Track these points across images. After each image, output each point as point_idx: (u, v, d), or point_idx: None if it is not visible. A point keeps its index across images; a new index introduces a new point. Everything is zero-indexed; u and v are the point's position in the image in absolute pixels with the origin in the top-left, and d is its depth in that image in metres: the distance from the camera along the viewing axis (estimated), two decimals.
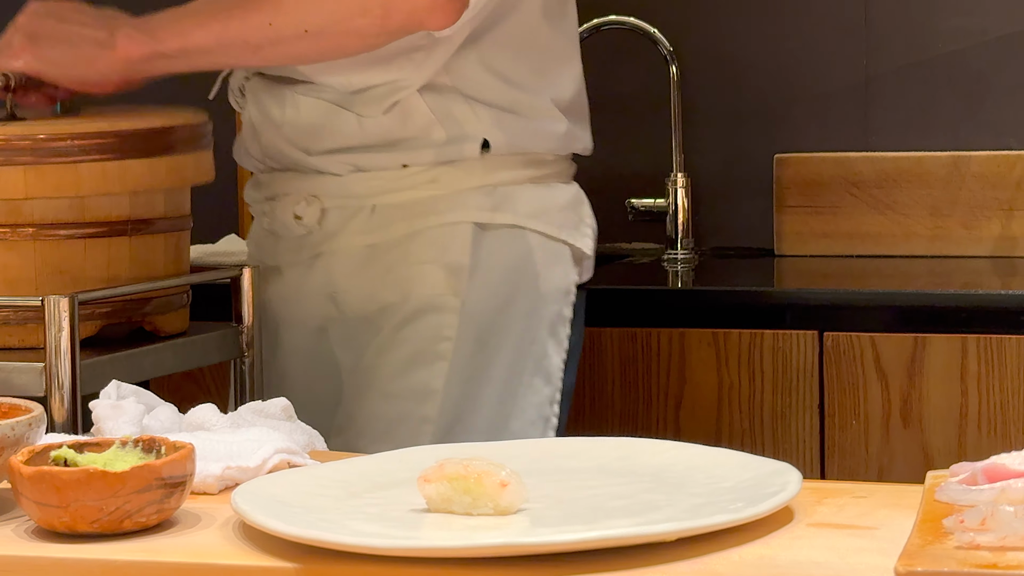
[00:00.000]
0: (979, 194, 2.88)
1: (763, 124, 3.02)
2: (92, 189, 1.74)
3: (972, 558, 1.04)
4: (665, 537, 1.11)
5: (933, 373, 2.42)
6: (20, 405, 1.33)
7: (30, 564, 1.17)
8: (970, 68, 2.91)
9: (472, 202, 1.93)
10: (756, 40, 3.01)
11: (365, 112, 1.90)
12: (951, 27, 2.91)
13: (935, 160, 2.90)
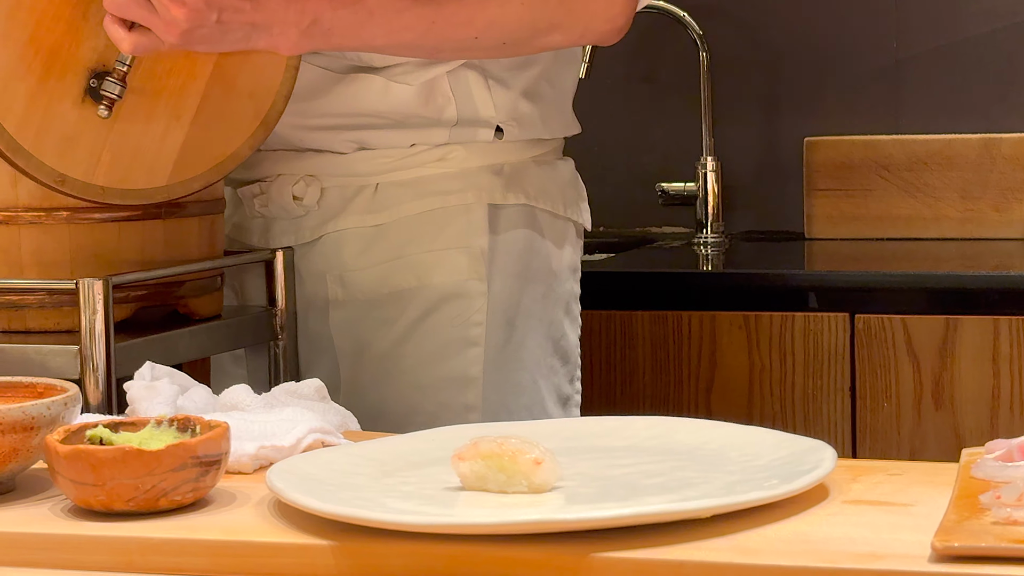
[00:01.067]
0: (1010, 176, 2.88)
1: (793, 108, 3.02)
2: None
3: (1009, 533, 1.04)
4: (700, 514, 1.10)
5: (965, 355, 2.41)
6: (55, 385, 1.34)
7: (67, 542, 1.17)
8: (1000, 50, 2.90)
9: (483, 182, 1.92)
10: (785, 24, 3.02)
11: (398, 79, 1.88)
12: (980, 9, 2.91)
13: (965, 143, 2.90)
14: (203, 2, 1.62)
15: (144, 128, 1.75)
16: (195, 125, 1.77)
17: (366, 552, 1.10)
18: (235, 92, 1.79)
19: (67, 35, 1.71)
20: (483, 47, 1.82)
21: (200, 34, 1.65)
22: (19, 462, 1.27)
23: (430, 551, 1.09)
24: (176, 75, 1.76)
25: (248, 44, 1.70)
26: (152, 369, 1.50)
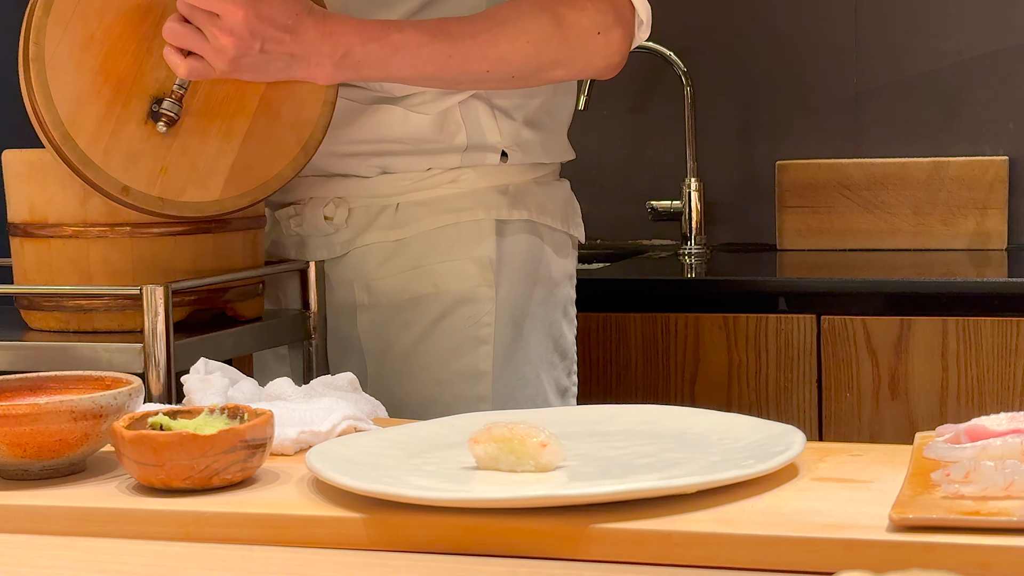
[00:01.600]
0: (956, 195, 2.88)
1: (766, 135, 3.02)
2: None
3: (957, 506, 1.04)
4: (686, 490, 1.10)
5: (917, 351, 2.41)
6: (121, 378, 1.35)
7: (132, 516, 1.17)
8: (948, 85, 2.91)
9: (491, 200, 1.91)
10: (759, 62, 3.02)
11: (416, 109, 1.88)
12: (929, 48, 2.91)
13: (917, 165, 2.90)
14: (248, 32, 1.63)
15: (199, 148, 1.75)
16: (244, 148, 1.78)
17: (393, 524, 1.11)
18: (279, 121, 1.79)
19: (132, 66, 1.72)
20: (494, 80, 1.81)
21: (246, 62, 1.65)
22: (90, 445, 1.27)
23: (449, 523, 1.09)
24: (227, 103, 1.76)
25: (288, 73, 1.71)
26: (206, 364, 1.50)
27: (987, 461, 1.11)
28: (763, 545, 1.04)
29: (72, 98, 1.68)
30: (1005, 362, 2.38)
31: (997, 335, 2.38)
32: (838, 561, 1.01)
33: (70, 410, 1.24)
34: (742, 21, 3.02)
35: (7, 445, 1.24)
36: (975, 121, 2.90)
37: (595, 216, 2.92)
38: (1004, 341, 2.38)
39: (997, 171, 2.87)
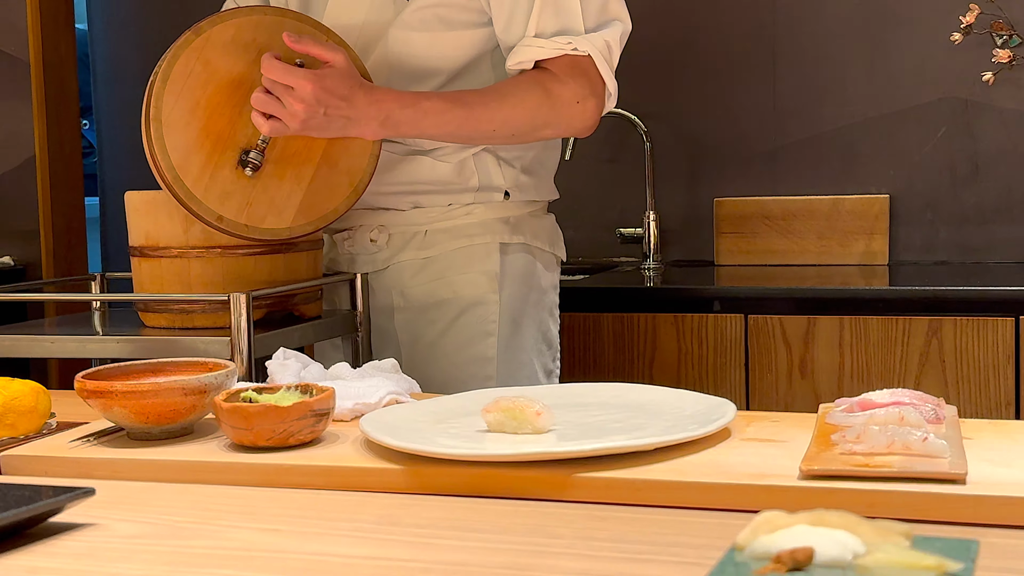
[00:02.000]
0: (850, 224, 2.88)
1: (706, 179, 3.02)
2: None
3: (850, 460, 1.05)
4: (646, 447, 1.11)
5: (821, 342, 2.42)
6: (220, 363, 1.35)
7: (228, 468, 1.17)
8: (844, 141, 2.91)
9: (496, 228, 1.89)
10: (701, 124, 3.01)
11: (440, 159, 1.87)
12: (830, 113, 2.91)
13: (820, 202, 2.90)
14: (315, 101, 1.62)
15: (276, 188, 1.74)
16: (309, 189, 1.77)
17: (424, 473, 1.11)
18: (337, 169, 1.79)
19: (227, 125, 1.71)
20: (499, 137, 1.81)
21: (313, 123, 1.65)
22: (196, 414, 1.28)
23: (467, 472, 1.10)
24: (298, 154, 1.76)
25: (344, 132, 1.70)
26: (284, 352, 1.50)
27: (873, 426, 1.11)
28: (705, 490, 1.04)
29: (181, 149, 1.69)
30: (887, 350, 2.39)
31: (881, 330, 2.39)
32: (761, 502, 1.00)
33: (181, 387, 1.25)
34: (688, 93, 3.02)
35: (134, 414, 1.24)
36: (864, 169, 2.91)
37: (576, 240, 2.93)
38: (887, 335, 2.39)
39: (881, 206, 2.87)
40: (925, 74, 2.85)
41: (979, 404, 2.33)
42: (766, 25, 2.96)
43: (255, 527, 0.88)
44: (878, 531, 0.69)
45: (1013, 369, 2.32)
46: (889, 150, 2.89)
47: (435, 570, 0.77)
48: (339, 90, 1.66)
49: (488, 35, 1.83)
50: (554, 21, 1.76)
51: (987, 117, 2.82)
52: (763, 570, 0.66)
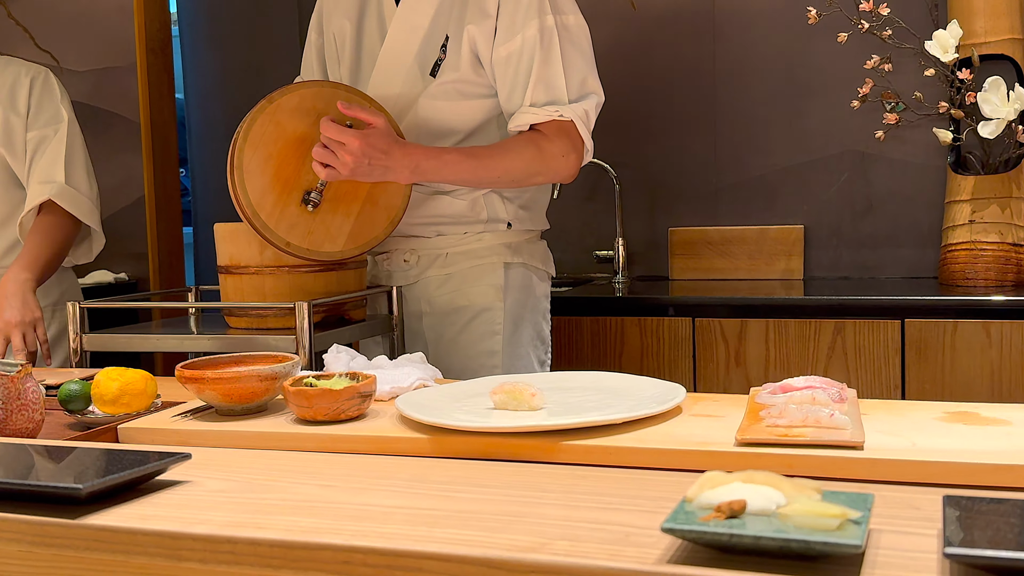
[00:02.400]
0: (774, 248, 2.88)
1: (663, 213, 3.02)
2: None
3: (774, 431, 1.05)
4: (616, 421, 1.11)
5: (751, 339, 2.42)
6: (289, 356, 1.35)
7: (293, 437, 1.17)
8: (768, 184, 2.91)
9: (501, 251, 1.89)
10: (658, 170, 3.01)
11: (458, 197, 1.87)
12: (758, 162, 2.92)
13: (751, 230, 2.90)
14: (361, 154, 1.63)
15: (331, 220, 1.75)
16: (356, 221, 1.77)
17: (445, 441, 1.11)
18: (377, 206, 1.79)
19: (294, 171, 1.71)
20: (501, 183, 1.81)
21: (359, 171, 1.66)
22: (270, 396, 1.28)
23: (477, 440, 1.10)
24: (348, 195, 1.76)
25: (384, 177, 1.70)
26: (336, 347, 1.50)
27: (792, 405, 1.12)
28: (662, 454, 1.04)
29: (258, 191, 1.69)
30: (803, 346, 2.38)
31: (798, 329, 2.39)
32: (705, 464, 1.01)
33: (258, 375, 1.25)
34: (648, 147, 3.02)
35: (222, 395, 1.25)
36: (784, 206, 2.91)
37: (562, 260, 2.93)
38: (802, 333, 2.39)
39: (797, 234, 2.87)
40: (831, 132, 2.85)
41: (874, 387, 2.33)
42: (708, 94, 2.96)
43: (314, 483, 0.88)
44: (795, 487, 0.69)
45: (899, 360, 2.32)
46: (803, 191, 2.89)
47: (453, 516, 0.77)
48: (380, 145, 1.66)
49: (495, 104, 1.84)
50: (545, 94, 1.77)
51: (879, 165, 2.82)
52: (707, 517, 0.66)
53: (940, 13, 2.68)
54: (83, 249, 2.16)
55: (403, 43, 1.82)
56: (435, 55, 1.81)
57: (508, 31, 1.76)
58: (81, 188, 2.08)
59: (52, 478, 0.85)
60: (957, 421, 1.10)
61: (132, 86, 3.14)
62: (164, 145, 3.20)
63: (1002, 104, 2.46)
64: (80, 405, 1.31)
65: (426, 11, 1.81)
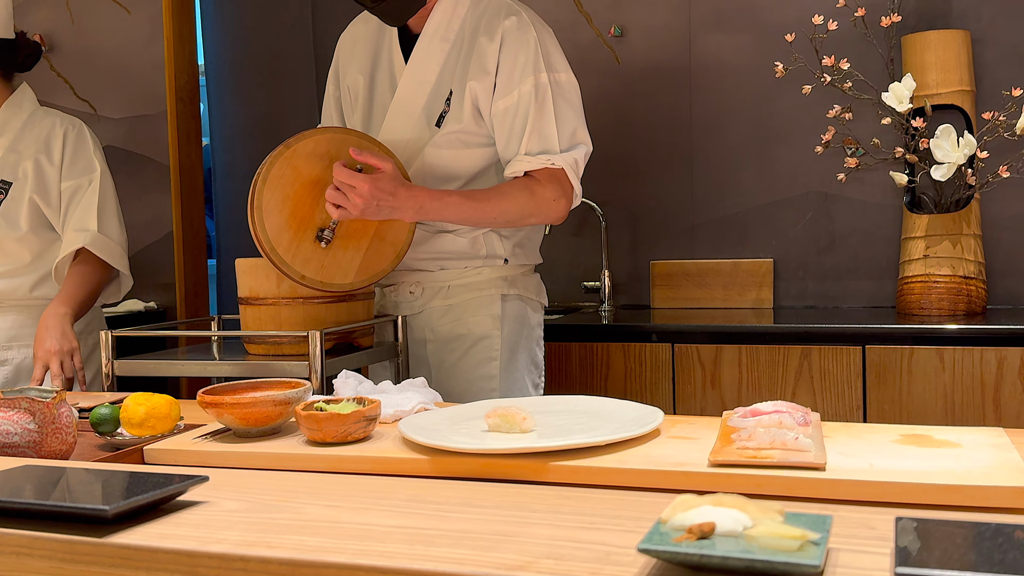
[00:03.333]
0: (747, 280, 2.89)
1: (645, 248, 3.03)
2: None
3: (744, 453, 1.05)
4: (599, 443, 1.11)
5: (725, 365, 2.41)
6: (301, 382, 1.34)
7: (303, 458, 1.17)
8: (741, 221, 2.92)
9: (499, 284, 1.89)
10: (641, 208, 3.02)
11: (459, 235, 1.87)
12: (731, 201, 2.92)
13: (724, 263, 2.90)
14: (370, 196, 1.64)
15: (342, 255, 1.75)
16: (365, 256, 1.78)
17: (442, 461, 1.11)
18: (384, 242, 1.80)
19: (309, 211, 1.72)
20: (497, 223, 1.82)
21: (368, 211, 1.67)
22: (284, 419, 1.28)
23: (472, 461, 1.10)
24: (357, 232, 1.76)
25: (390, 216, 1.71)
26: (345, 373, 1.49)
27: (760, 428, 1.11)
28: (642, 474, 1.04)
29: (276, 228, 1.69)
30: (772, 370, 2.38)
31: (768, 355, 2.39)
32: (681, 483, 1.01)
33: (272, 400, 1.25)
34: (631, 187, 3.03)
35: (238, 419, 1.24)
36: (755, 241, 2.91)
37: (554, 290, 2.94)
38: (772, 358, 2.38)
39: (767, 267, 2.87)
40: (797, 174, 2.86)
41: (837, 409, 2.33)
42: (685, 140, 2.98)
43: (320, 504, 0.87)
44: (761, 509, 0.69)
45: (861, 383, 2.32)
46: (772, 227, 2.90)
47: (448, 536, 0.76)
48: (387, 188, 1.67)
49: (494, 152, 1.86)
50: (538, 144, 1.78)
51: (841, 205, 2.83)
52: (679, 539, 0.66)
53: (896, 67, 2.70)
54: (112, 289, 2.17)
55: (412, 96, 1.84)
56: (440, 107, 1.82)
57: (506, 87, 1.78)
58: (113, 235, 2.09)
59: (81, 499, 0.85)
60: (912, 443, 1.10)
61: (163, 132, 3.15)
62: (191, 186, 3.21)
63: (952, 150, 2.47)
64: (110, 428, 1.31)
65: (433, 68, 1.83)
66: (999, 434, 1.13)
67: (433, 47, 1.83)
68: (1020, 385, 2.22)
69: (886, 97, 2.54)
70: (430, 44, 1.83)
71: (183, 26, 3.16)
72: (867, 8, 2.65)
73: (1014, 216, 2.67)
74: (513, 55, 1.77)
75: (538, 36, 1.78)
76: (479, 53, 1.79)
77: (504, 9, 1.81)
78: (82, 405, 1.53)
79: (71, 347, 1.91)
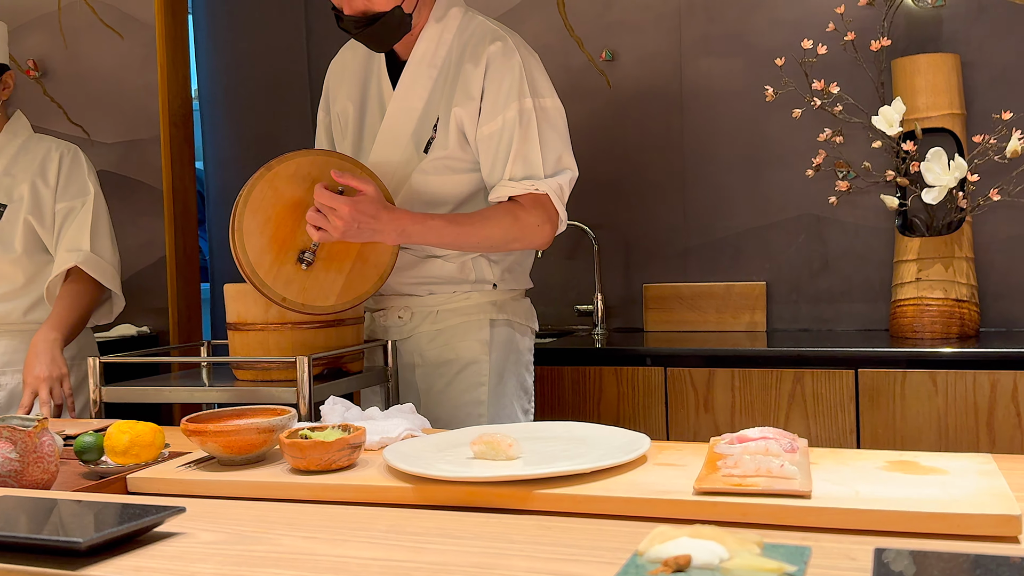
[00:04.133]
0: (739, 303, 2.88)
1: (637, 271, 3.02)
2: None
3: (730, 481, 1.04)
4: (585, 471, 1.10)
5: (718, 388, 2.41)
6: (286, 409, 1.33)
7: (286, 487, 1.15)
8: (733, 244, 2.92)
9: (488, 309, 1.88)
10: (634, 231, 3.02)
11: (448, 260, 1.86)
12: (723, 224, 2.92)
13: (718, 287, 2.90)
14: (351, 218, 1.64)
15: (324, 277, 1.74)
16: (348, 278, 1.76)
17: (427, 490, 1.10)
18: (367, 264, 1.78)
19: (289, 233, 1.71)
20: (482, 248, 1.82)
21: (349, 233, 1.66)
22: (268, 447, 1.27)
23: (457, 489, 1.08)
24: (339, 254, 1.75)
25: (372, 239, 1.70)
26: (332, 399, 1.48)
27: (746, 455, 1.11)
28: (626, 502, 1.03)
29: (257, 251, 1.68)
30: (765, 393, 2.37)
31: (761, 378, 2.38)
32: (666, 511, 1.00)
33: (256, 428, 1.24)
34: (624, 211, 3.03)
35: (222, 447, 1.23)
36: (748, 264, 2.91)
37: (546, 313, 2.93)
38: (764, 382, 2.38)
39: (760, 290, 2.87)
40: (789, 197, 2.87)
41: (830, 433, 2.32)
42: (677, 163, 2.98)
43: (298, 535, 0.86)
44: (739, 541, 0.68)
45: (854, 407, 2.31)
46: (765, 250, 2.90)
47: (425, 568, 0.75)
48: (368, 211, 1.67)
49: (480, 178, 1.85)
50: (523, 169, 1.77)
51: (833, 228, 2.83)
52: (655, 571, 0.65)
53: (886, 90, 2.71)
54: (104, 310, 2.17)
55: (400, 122, 1.84)
56: (428, 133, 1.83)
57: (491, 112, 1.77)
58: (105, 256, 2.10)
59: (55, 531, 0.84)
60: (898, 470, 1.09)
61: (156, 156, 3.15)
62: (184, 210, 3.21)
63: (943, 173, 2.47)
64: (94, 456, 1.30)
65: (420, 94, 1.83)
66: (987, 460, 1.12)
67: (420, 73, 1.83)
68: (1014, 408, 2.21)
69: (876, 121, 2.55)
70: (417, 70, 1.83)
71: (176, 51, 3.17)
72: (857, 32, 2.67)
73: (1006, 239, 2.68)
74: (498, 80, 1.77)
75: (523, 61, 1.78)
76: (464, 79, 1.79)
77: (489, 34, 1.81)
78: (68, 433, 1.52)
79: (60, 373, 1.91)
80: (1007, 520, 0.91)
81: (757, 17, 2.88)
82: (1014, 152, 2.43)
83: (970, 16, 2.69)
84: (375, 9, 1.74)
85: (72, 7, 3.20)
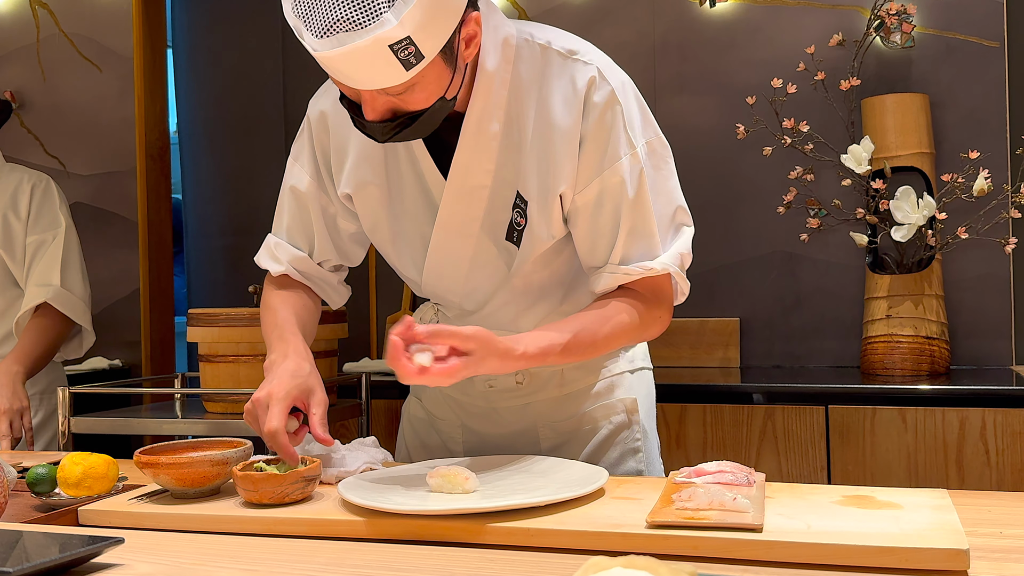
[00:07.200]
0: (713, 338, 2.89)
1: None
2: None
3: (683, 514, 1.03)
4: (539, 503, 1.09)
5: (690, 423, 2.40)
6: (241, 441, 1.31)
7: (237, 520, 1.13)
8: (708, 280, 2.92)
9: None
10: None
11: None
12: (699, 260, 2.90)
13: (692, 322, 2.90)
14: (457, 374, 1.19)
15: None
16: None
17: (380, 523, 1.08)
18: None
19: None
20: (598, 355, 1.45)
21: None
22: (221, 480, 1.25)
23: (411, 523, 1.07)
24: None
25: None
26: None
27: (700, 489, 1.10)
28: (579, 535, 1.02)
29: None
30: (737, 429, 2.37)
31: (733, 414, 2.38)
32: (618, 545, 0.99)
33: (209, 460, 1.22)
34: None
35: (174, 479, 1.21)
36: (721, 300, 2.92)
37: None
38: (736, 417, 2.37)
39: (733, 326, 2.88)
40: (761, 235, 2.89)
41: (801, 469, 2.31)
42: None
43: (237, 567, 0.85)
44: (672, 571, 0.67)
45: (824, 443, 2.31)
46: (739, 287, 2.91)
47: None
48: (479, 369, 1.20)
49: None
50: (636, 249, 1.36)
51: (805, 265, 2.85)
52: None
53: (856, 129, 2.74)
54: (74, 345, 2.15)
55: (464, 207, 1.36)
56: (507, 216, 1.37)
57: (587, 177, 1.34)
58: (75, 291, 2.09)
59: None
60: (852, 504, 1.09)
61: (132, 189, 3.15)
62: (159, 242, 3.20)
63: (912, 211, 2.50)
64: (46, 488, 1.28)
65: (485, 167, 1.34)
66: (941, 496, 1.12)
67: (481, 143, 1.33)
68: (982, 446, 2.21)
69: (846, 159, 2.58)
70: (476, 141, 1.33)
71: (154, 83, 3.18)
72: (827, 72, 2.70)
73: (976, 277, 2.69)
74: (595, 139, 1.32)
75: (624, 103, 1.34)
76: (546, 135, 1.32)
77: (572, 70, 1.32)
78: (24, 465, 1.50)
79: (21, 406, 1.89)
80: (955, 554, 0.90)
81: (729, 57, 2.91)
82: (981, 191, 2.46)
83: (939, 57, 2.73)
84: (409, 109, 1.22)
85: (51, 40, 3.22)
